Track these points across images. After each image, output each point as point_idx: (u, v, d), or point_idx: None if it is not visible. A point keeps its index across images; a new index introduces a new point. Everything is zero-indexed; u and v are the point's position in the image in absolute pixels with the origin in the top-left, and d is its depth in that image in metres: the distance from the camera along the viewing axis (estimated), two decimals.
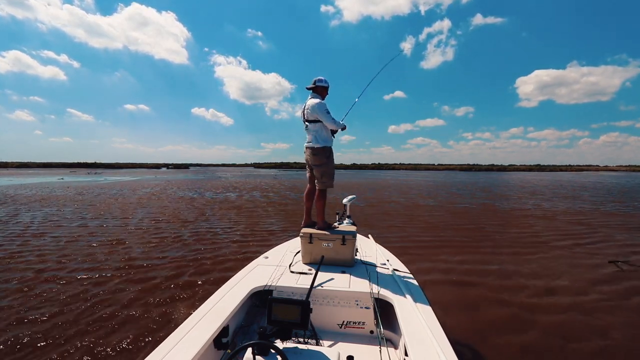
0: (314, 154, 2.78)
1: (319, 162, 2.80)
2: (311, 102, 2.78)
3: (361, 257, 2.72)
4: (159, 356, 1.33)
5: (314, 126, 2.77)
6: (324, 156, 2.80)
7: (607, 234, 7.00)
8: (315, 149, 2.77)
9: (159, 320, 3.09)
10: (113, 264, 4.73)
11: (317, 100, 2.78)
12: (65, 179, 30.63)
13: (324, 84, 2.89)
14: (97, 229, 7.16)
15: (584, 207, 11.44)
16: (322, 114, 2.72)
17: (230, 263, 4.81)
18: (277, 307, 1.43)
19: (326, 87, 2.90)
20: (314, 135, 2.78)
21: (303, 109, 2.86)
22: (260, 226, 7.70)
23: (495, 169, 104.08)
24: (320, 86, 2.87)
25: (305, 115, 2.82)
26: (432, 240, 6.41)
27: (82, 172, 53.85)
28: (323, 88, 2.89)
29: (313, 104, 2.74)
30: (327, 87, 2.92)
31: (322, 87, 2.88)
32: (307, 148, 2.86)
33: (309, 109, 2.76)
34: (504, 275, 4.38)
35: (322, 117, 2.73)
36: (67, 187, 19.82)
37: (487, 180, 33.06)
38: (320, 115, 2.72)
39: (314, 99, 2.80)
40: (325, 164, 2.81)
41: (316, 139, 2.78)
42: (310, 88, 2.88)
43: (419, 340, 1.49)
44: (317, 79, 2.86)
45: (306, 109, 2.80)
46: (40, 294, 3.63)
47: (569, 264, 4.91)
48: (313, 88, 2.87)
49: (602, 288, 3.95)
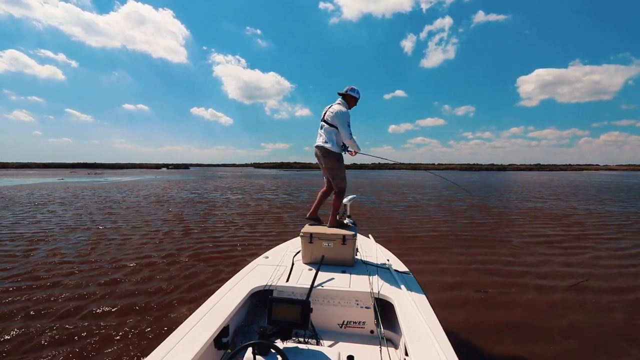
0: (325, 155, 2.82)
1: (331, 164, 2.84)
2: (337, 107, 2.80)
3: (361, 257, 2.72)
4: (159, 356, 1.33)
5: (331, 129, 2.80)
6: (335, 159, 2.83)
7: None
8: (327, 150, 2.79)
9: (158, 320, 3.09)
10: (112, 263, 4.74)
11: (343, 109, 2.79)
12: (65, 179, 30.65)
13: (356, 95, 2.91)
14: (97, 230, 7.17)
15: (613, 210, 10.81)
16: (343, 124, 2.75)
17: (230, 262, 4.82)
18: (277, 307, 1.43)
19: (356, 98, 2.94)
20: (329, 138, 2.80)
21: (326, 109, 2.88)
22: (260, 226, 7.70)
23: (495, 168, 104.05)
24: (350, 95, 2.89)
25: (325, 116, 2.84)
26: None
27: (82, 172, 53.88)
28: (353, 98, 2.91)
29: (339, 111, 2.76)
30: (357, 99, 2.96)
31: (352, 96, 2.91)
32: (318, 147, 2.87)
33: (332, 113, 2.78)
34: (511, 274, 4.39)
35: (342, 128, 2.75)
36: (67, 187, 19.83)
37: (497, 179, 32.98)
38: (340, 125, 2.75)
39: (340, 106, 2.81)
40: (337, 166, 2.85)
41: (327, 140, 2.80)
42: (341, 94, 2.90)
43: (419, 340, 1.49)
44: (350, 88, 2.90)
45: (330, 111, 2.81)
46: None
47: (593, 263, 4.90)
48: (343, 94, 2.89)
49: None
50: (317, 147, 2.87)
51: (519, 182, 28.66)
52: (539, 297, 3.67)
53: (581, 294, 3.76)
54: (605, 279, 4.23)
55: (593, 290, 3.86)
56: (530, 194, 16.75)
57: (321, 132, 2.86)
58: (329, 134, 2.80)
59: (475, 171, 77.92)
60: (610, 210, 10.50)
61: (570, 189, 20.52)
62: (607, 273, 4.46)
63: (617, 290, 3.89)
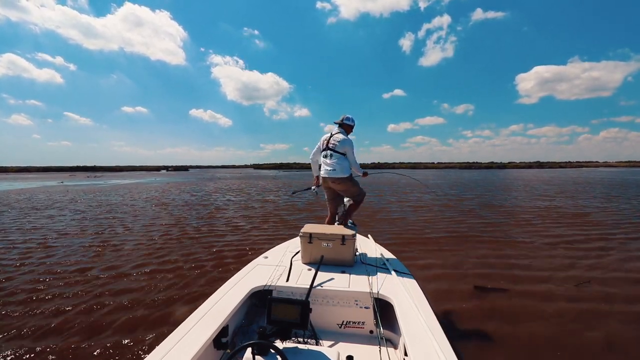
0: (341, 182, 2.99)
1: (347, 187, 3.02)
2: (341, 136, 3.01)
3: (361, 257, 2.72)
4: (158, 356, 1.34)
5: (339, 157, 2.99)
6: (350, 182, 3.02)
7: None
8: (342, 179, 2.97)
9: (158, 320, 3.09)
10: (111, 263, 4.74)
11: (348, 138, 3.04)
12: (65, 182, 30.64)
13: (351, 123, 3.17)
14: (98, 229, 7.17)
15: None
16: (352, 153, 3.02)
17: (230, 261, 4.82)
18: (277, 307, 1.43)
19: (352, 125, 3.20)
20: (340, 166, 2.98)
21: (328, 138, 3.08)
22: (260, 226, 7.70)
23: (495, 166, 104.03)
24: (347, 124, 3.14)
25: (330, 144, 3.02)
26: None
27: (81, 175, 53.87)
28: (349, 126, 3.18)
29: (345, 139, 3.00)
30: (353, 126, 3.21)
31: (348, 125, 3.16)
32: (330, 178, 3.01)
33: (339, 142, 2.99)
34: (518, 272, 4.39)
35: (351, 157, 3.02)
36: (66, 190, 19.81)
37: (498, 178, 32.96)
38: (349, 153, 3.01)
39: (344, 135, 3.05)
40: (352, 185, 3.04)
41: (341, 169, 2.97)
42: (338, 123, 3.15)
43: (418, 340, 1.49)
44: (345, 117, 3.15)
45: (335, 140, 3.01)
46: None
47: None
48: (340, 124, 3.14)
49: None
50: (330, 180, 3.02)
51: (521, 180, 28.53)
52: (542, 298, 3.61)
53: (589, 298, 3.70)
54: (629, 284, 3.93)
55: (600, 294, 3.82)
56: (537, 192, 16.42)
57: (330, 162, 3.01)
58: (340, 162, 2.97)
59: (475, 169, 77.84)
60: (624, 208, 10.14)
61: (576, 186, 20.07)
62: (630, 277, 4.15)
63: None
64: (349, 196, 3.08)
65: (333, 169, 2.97)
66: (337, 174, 2.95)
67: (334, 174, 2.95)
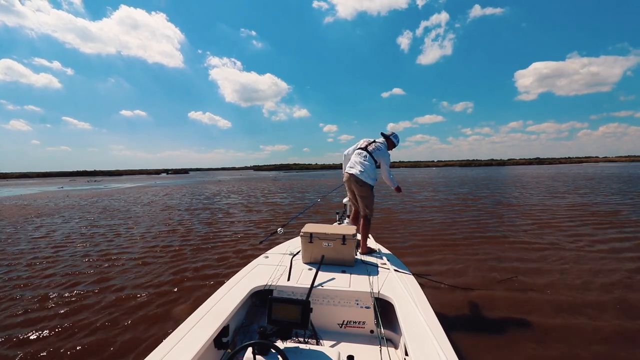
0: (361, 184, 2.98)
1: (365, 193, 3.02)
2: (383, 147, 3.09)
3: (361, 257, 2.72)
4: (158, 356, 1.34)
5: (373, 163, 3.02)
6: (370, 189, 3.02)
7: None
8: (363, 182, 2.97)
9: (158, 320, 3.09)
10: (111, 264, 4.75)
11: (387, 152, 3.12)
12: (65, 187, 30.66)
13: (396, 141, 3.23)
14: (98, 235, 7.17)
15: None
16: (387, 164, 3.06)
17: (230, 261, 4.83)
18: (277, 306, 1.43)
19: (395, 145, 3.25)
20: (370, 171, 2.99)
21: (370, 141, 3.15)
22: (261, 227, 7.71)
23: (495, 163, 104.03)
24: (392, 140, 3.20)
25: (370, 148, 3.07)
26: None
27: (81, 180, 53.90)
28: (393, 144, 3.22)
29: (385, 151, 3.09)
30: (395, 146, 3.26)
31: (392, 142, 3.21)
32: (354, 176, 3.00)
33: (379, 150, 3.05)
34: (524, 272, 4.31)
35: (385, 168, 3.05)
36: (67, 195, 19.83)
37: (501, 174, 32.92)
38: (384, 165, 3.05)
39: (384, 147, 3.12)
40: (370, 196, 3.04)
41: (367, 173, 2.98)
42: (385, 135, 3.22)
43: (419, 340, 1.48)
44: (393, 134, 3.22)
45: (376, 147, 3.07)
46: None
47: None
48: (386, 137, 3.20)
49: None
50: (353, 176, 3.00)
51: (527, 177, 28.20)
52: (546, 301, 3.51)
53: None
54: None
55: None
56: (550, 189, 15.44)
57: (360, 161, 3.03)
58: (371, 168, 3.00)
59: (475, 167, 77.58)
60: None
61: (589, 182, 19.21)
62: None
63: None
64: (362, 203, 3.02)
65: (362, 170, 2.95)
66: (363, 175, 2.93)
67: (360, 175, 2.93)
